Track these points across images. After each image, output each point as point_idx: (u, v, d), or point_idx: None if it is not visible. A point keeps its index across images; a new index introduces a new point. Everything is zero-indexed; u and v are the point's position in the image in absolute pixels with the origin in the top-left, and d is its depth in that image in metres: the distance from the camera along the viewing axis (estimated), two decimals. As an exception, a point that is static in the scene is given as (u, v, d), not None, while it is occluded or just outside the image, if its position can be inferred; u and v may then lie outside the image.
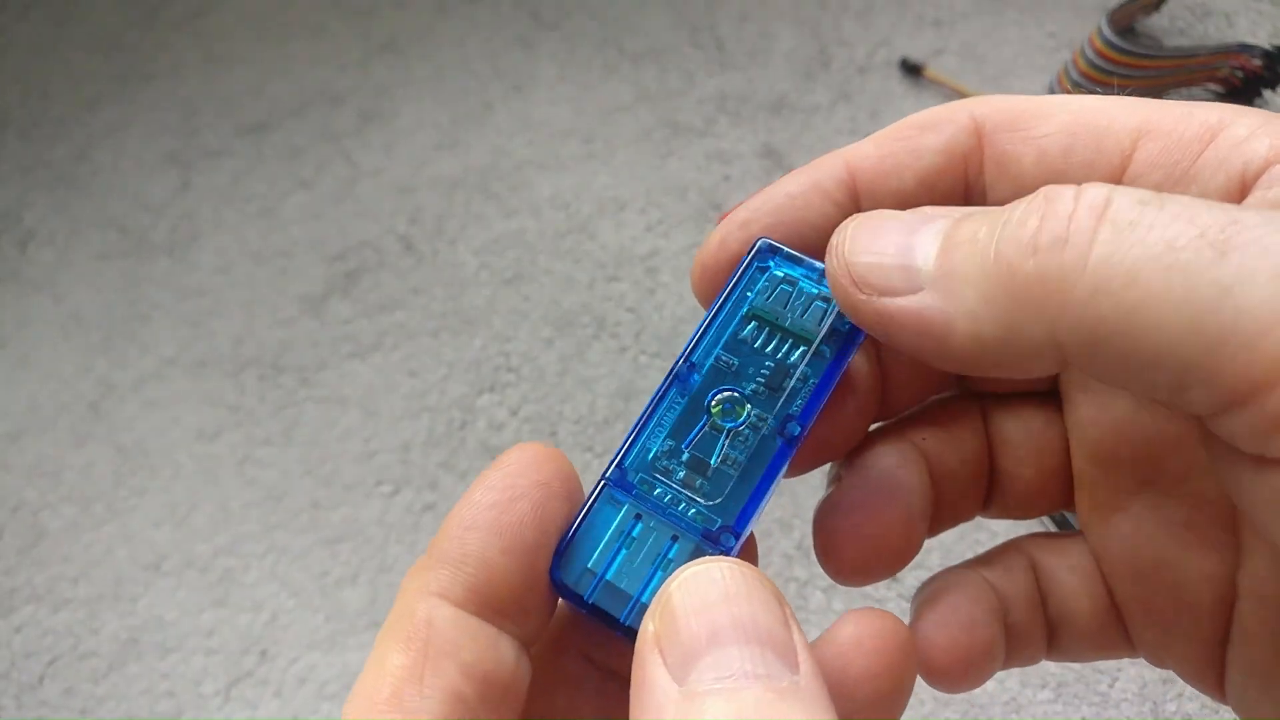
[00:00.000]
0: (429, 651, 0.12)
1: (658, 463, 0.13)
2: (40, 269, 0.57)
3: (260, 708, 0.41)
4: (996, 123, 0.13)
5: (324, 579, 0.44)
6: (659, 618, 0.11)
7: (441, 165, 0.59)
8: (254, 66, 0.65)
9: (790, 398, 0.13)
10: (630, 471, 0.13)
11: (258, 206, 0.58)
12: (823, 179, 0.14)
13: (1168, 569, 0.14)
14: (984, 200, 0.14)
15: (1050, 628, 0.15)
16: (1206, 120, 0.12)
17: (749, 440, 0.13)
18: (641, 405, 0.48)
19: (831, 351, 0.14)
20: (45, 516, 0.47)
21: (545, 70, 0.63)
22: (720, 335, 0.14)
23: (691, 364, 0.14)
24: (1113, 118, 0.13)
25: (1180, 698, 0.39)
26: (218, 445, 0.49)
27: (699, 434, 0.13)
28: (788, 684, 0.10)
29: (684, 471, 0.13)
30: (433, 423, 0.49)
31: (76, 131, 0.63)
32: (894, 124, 0.14)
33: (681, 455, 0.13)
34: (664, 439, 0.13)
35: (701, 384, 0.14)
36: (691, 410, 0.13)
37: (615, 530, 0.13)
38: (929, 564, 0.42)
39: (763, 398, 0.13)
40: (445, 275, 0.54)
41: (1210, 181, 0.12)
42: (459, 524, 0.12)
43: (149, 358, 0.53)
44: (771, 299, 0.14)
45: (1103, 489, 0.15)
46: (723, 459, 0.13)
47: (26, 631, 0.44)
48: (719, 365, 0.14)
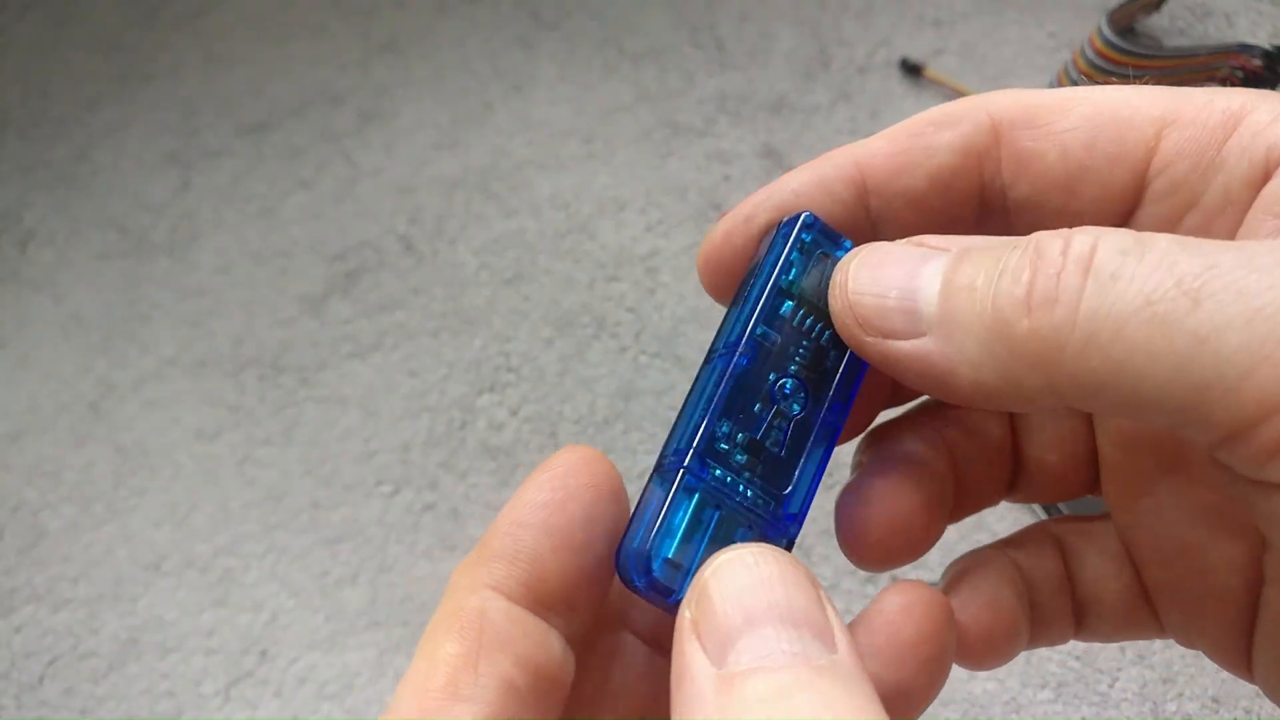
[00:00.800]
0: (483, 641, 0.12)
1: (718, 445, 0.13)
2: (40, 269, 0.57)
3: (260, 708, 0.41)
4: (1014, 119, 0.13)
5: (324, 579, 0.44)
6: (696, 604, 0.11)
7: (441, 165, 0.59)
8: (254, 66, 0.65)
9: (832, 379, 0.13)
10: (698, 454, 0.13)
11: (258, 206, 0.58)
12: (830, 176, 0.14)
13: (1194, 553, 0.14)
14: (1002, 199, 0.14)
15: (1078, 609, 0.16)
16: (1229, 107, 0.12)
17: (800, 423, 0.13)
18: (642, 405, 0.48)
19: None
20: (45, 516, 0.47)
21: (545, 70, 0.63)
22: (762, 313, 0.13)
23: (736, 347, 0.13)
24: (1135, 108, 0.13)
25: (1180, 698, 0.39)
26: (218, 445, 0.49)
27: (753, 418, 0.13)
28: (826, 662, 0.11)
29: (743, 455, 0.13)
30: (433, 423, 0.49)
31: (76, 131, 0.63)
32: (907, 120, 0.14)
33: (738, 439, 0.13)
34: (720, 424, 0.13)
35: (748, 366, 0.13)
36: (741, 393, 0.13)
37: (680, 512, 0.13)
38: (929, 563, 0.42)
39: (807, 380, 0.13)
40: (445, 275, 0.54)
41: (1235, 169, 0.12)
42: (512, 521, 0.13)
43: (149, 358, 0.53)
44: (810, 278, 0.14)
45: (1128, 474, 0.15)
46: (776, 442, 0.13)
47: (26, 631, 0.44)
48: (763, 344, 0.13)
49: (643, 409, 0.48)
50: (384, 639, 0.42)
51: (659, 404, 0.48)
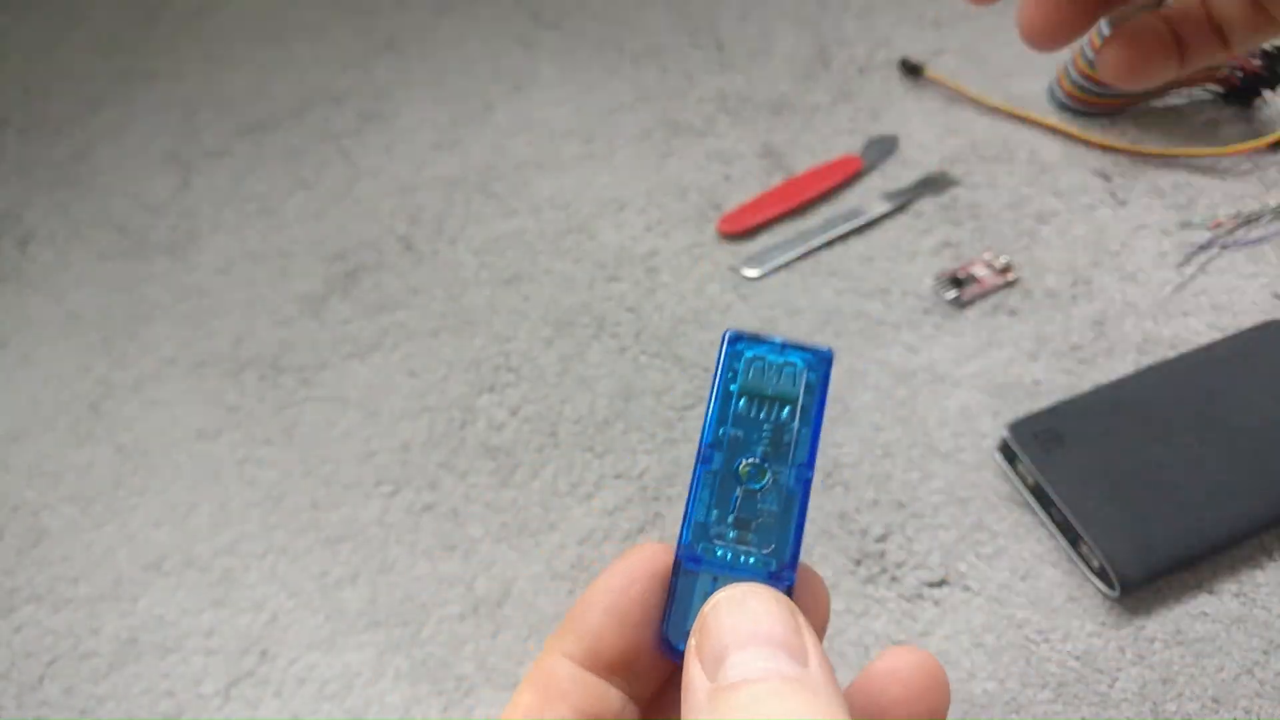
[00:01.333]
0: (549, 694, 0.16)
1: (711, 530, 0.16)
2: (40, 269, 0.57)
3: (260, 708, 0.41)
4: None
5: (324, 579, 0.44)
6: (698, 633, 0.14)
7: (441, 165, 0.59)
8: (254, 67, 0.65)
9: (793, 448, 0.16)
10: (693, 545, 0.16)
11: (258, 206, 0.58)
12: None
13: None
14: None
15: (1216, 30, 0.20)
16: None
17: (775, 492, 0.16)
18: (642, 405, 0.48)
19: (811, 402, 0.17)
20: (45, 516, 0.47)
21: (545, 70, 0.63)
22: (724, 415, 0.17)
23: (709, 445, 0.17)
24: None
25: (1180, 698, 0.39)
26: (218, 445, 0.49)
27: (736, 499, 0.16)
28: (798, 674, 0.13)
29: (734, 531, 0.16)
30: (433, 422, 0.49)
31: (77, 131, 0.63)
32: None
33: (728, 519, 0.16)
34: (710, 510, 0.16)
35: (722, 458, 0.16)
36: (723, 482, 0.16)
37: (698, 593, 0.16)
38: (929, 563, 0.42)
39: (773, 455, 0.16)
40: (445, 275, 0.54)
41: None
42: (586, 603, 0.16)
43: (149, 358, 0.53)
44: (752, 376, 0.17)
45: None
46: (760, 513, 0.16)
47: (26, 631, 0.44)
48: (731, 439, 0.17)
49: (642, 409, 0.48)
50: (384, 639, 0.42)
51: (658, 404, 0.48)
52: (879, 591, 0.42)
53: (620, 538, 0.44)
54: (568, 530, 0.45)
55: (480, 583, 0.43)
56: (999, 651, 0.40)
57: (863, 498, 0.44)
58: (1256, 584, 0.41)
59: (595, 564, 0.44)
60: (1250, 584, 0.41)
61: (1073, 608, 0.41)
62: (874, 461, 0.46)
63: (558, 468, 0.47)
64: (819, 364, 0.17)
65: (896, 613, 0.41)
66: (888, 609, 0.41)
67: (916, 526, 0.44)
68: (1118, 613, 0.41)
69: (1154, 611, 0.41)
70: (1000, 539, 0.43)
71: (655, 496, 0.45)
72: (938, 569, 0.42)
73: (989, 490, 0.44)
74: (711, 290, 0.52)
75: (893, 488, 0.45)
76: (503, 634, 0.42)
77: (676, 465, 0.46)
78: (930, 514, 0.44)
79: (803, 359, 0.17)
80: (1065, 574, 0.42)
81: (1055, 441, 0.43)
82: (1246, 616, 0.41)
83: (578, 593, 0.43)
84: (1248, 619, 0.41)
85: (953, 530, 0.43)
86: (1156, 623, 0.41)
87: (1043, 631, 0.41)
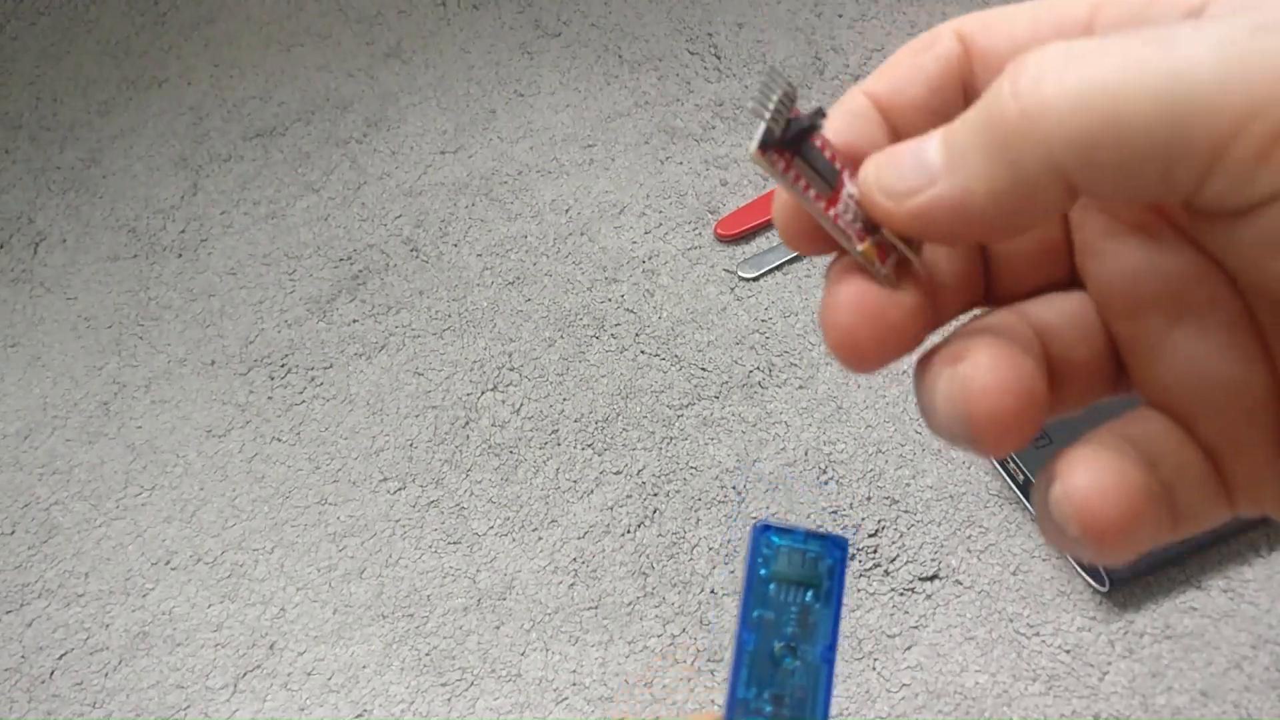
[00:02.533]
0: None
1: (751, 705, 0.18)
2: (52, 270, 0.58)
3: (269, 700, 0.42)
4: (973, 28, 0.16)
5: (331, 573, 0.45)
6: None
7: (446, 170, 0.60)
8: (262, 73, 0.66)
9: (819, 628, 0.19)
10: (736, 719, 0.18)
11: (266, 210, 0.59)
12: (851, 107, 0.17)
13: (1223, 390, 0.15)
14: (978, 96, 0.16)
15: None
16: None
17: (804, 669, 0.19)
18: (641, 404, 0.49)
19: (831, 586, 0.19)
20: (57, 513, 0.48)
21: (547, 77, 0.64)
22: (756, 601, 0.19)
23: (745, 628, 0.19)
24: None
25: (1169, 691, 0.40)
26: (227, 443, 0.50)
27: (771, 677, 0.19)
28: None
29: (770, 706, 0.18)
30: (437, 421, 0.50)
31: (87, 136, 0.64)
32: (891, 56, 0.17)
33: (765, 694, 0.19)
34: (747, 687, 0.18)
35: (756, 639, 0.19)
36: (759, 661, 0.19)
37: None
38: (921, 558, 0.43)
39: (801, 635, 0.19)
40: (449, 277, 0.55)
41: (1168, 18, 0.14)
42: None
43: (159, 357, 0.54)
44: (779, 563, 0.19)
45: (1141, 339, 0.16)
46: (792, 688, 0.19)
47: (38, 626, 0.44)
48: (762, 622, 0.19)
49: (642, 407, 0.49)
50: (390, 632, 0.43)
51: (657, 402, 0.49)
52: (872, 586, 0.43)
53: (619, 532, 0.45)
54: (569, 525, 0.46)
55: (483, 576, 0.44)
56: (990, 645, 0.41)
57: (856, 494, 0.45)
58: (1244, 579, 0.42)
59: (596, 558, 0.45)
60: (1238, 579, 0.42)
61: (1063, 602, 0.42)
62: (867, 458, 0.46)
63: (559, 464, 0.47)
64: (836, 551, 0.19)
65: (889, 606, 0.42)
66: (880, 603, 0.42)
67: (908, 522, 0.44)
68: (1107, 607, 0.42)
69: (1143, 606, 0.42)
70: (991, 534, 0.44)
71: (654, 492, 0.46)
72: (929, 564, 0.43)
73: (980, 486, 0.45)
74: (709, 292, 0.53)
75: (885, 484, 0.46)
76: (506, 626, 0.43)
77: (674, 463, 0.47)
78: (922, 510, 0.45)
79: (822, 547, 0.19)
80: (1055, 569, 0.43)
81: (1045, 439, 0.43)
82: (1234, 611, 0.41)
83: (579, 586, 0.44)
84: (1236, 614, 0.41)
85: (944, 526, 0.44)
86: (1146, 617, 0.41)
87: (1033, 625, 0.41)
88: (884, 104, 0.16)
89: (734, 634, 0.19)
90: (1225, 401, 0.15)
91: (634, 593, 0.43)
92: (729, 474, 0.46)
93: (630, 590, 0.43)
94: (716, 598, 0.43)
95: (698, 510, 0.45)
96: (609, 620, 0.43)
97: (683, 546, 0.44)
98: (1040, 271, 0.17)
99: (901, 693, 0.40)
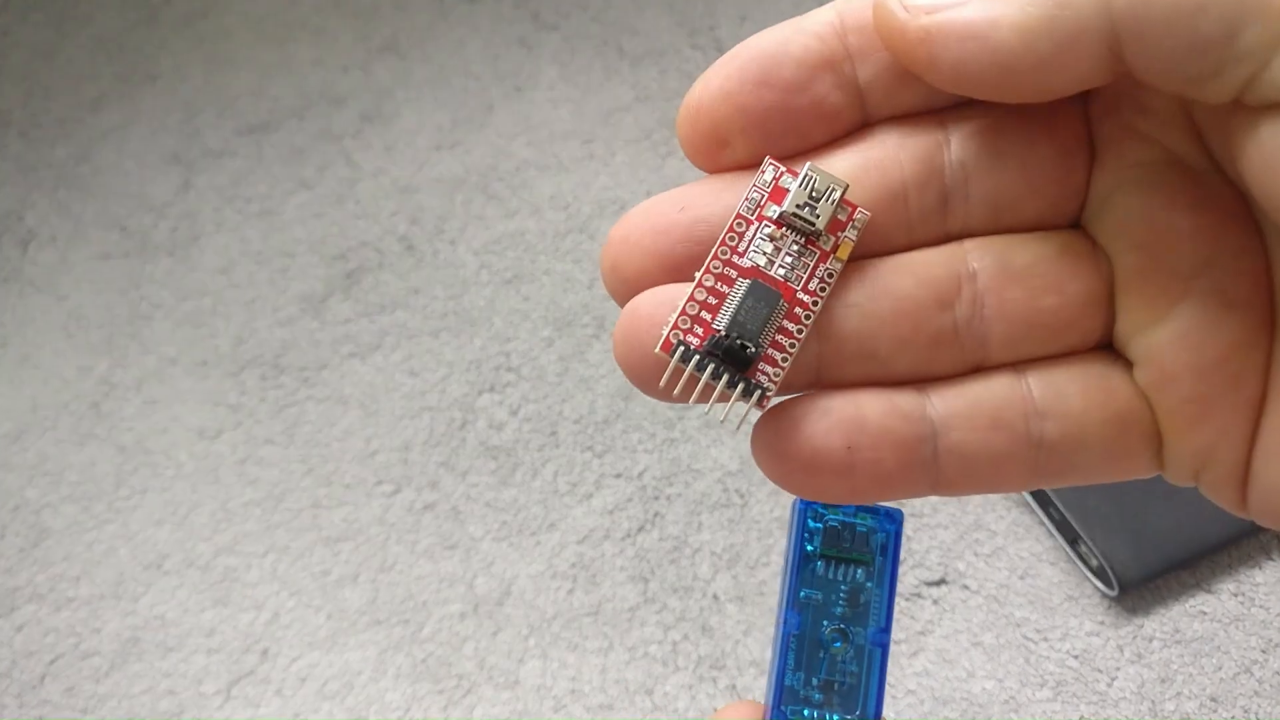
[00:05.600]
0: None
1: (800, 693, 0.17)
2: (42, 269, 0.57)
3: (261, 706, 0.41)
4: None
5: (325, 578, 0.44)
6: None
7: (442, 166, 0.59)
8: (255, 67, 0.65)
9: (871, 609, 0.17)
10: (783, 709, 0.17)
11: (259, 207, 0.58)
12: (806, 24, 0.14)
13: (1223, 363, 0.13)
14: None
15: None
16: None
17: (855, 654, 0.17)
18: (642, 405, 0.48)
19: (885, 563, 0.17)
20: (47, 516, 0.47)
21: (545, 71, 0.63)
22: (803, 580, 0.17)
23: (791, 610, 0.17)
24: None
25: (1179, 697, 0.39)
26: (219, 444, 0.49)
27: (818, 662, 0.17)
28: None
29: (819, 694, 0.17)
30: (433, 422, 0.49)
31: (78, 132, 0.63)
32: None
33: (813, 682, 0.17)
34: (794, 674, 0.17)
35: (803, 621, 0.17)
36: (807, 646, 0.17)
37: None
38: (928, 562, 0.42)
39: (851, 617, 0.17)
40: (446, 275, 0.54)
41: None
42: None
43: (150, 357, 0.53)
44: (827, 539, 0.17)
45: (1147, 291, 0.14)
46: (842, 673, 0.17)
47: (28, 630, 0.44)
48: (810, 602, 0.17)
49: (642, 408, 0.48)
50: (384, 638, 0.42)
51: (657, 403, 0.49)
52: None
53: (620, 536, 0.44)
54: (568, 529, 0.45)
55: (480, 581, 0.44)
56: (998, 650, 0.40)
57: (862, 497, 0.45)
58: (1255, 583, 0.41)
59: (595, 563, 0.44)
60: (1249, 583, 0.41)
61: (1071, 607, 0.41)
62: (873, 461, 0.46)
63: (558, 467, 0.47)
64: (890, 525, 0.17)
65: (896, 611, 0.41)
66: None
67: (915, 526, 0.44)
68: (1116, 612, 0.41)
69: (1152, 610, 0.41)
70: (999, 538, 0.43)
71: (655, 496, 0.45)
72: (937, 568, 0.42)
73: (988, 490, 0.44)
74: (711, 290, 0.53)
75: (892, 487, 0.45)
76: (503, 633, 0.42)
77: (676, 465, 0.46)
78: (929, 513, 0.44)
79: (874, 520, 0.17)
80: (1064, 573, 0.42)
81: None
82: (1245, 615, 0.41)
83: (578, 592, 0.43)
84: (1246, 618, 0.41)
85: (951, 529, 0.43)
86: (1155, 622, 0.41)
87: (1041, 630, 0.41)
88: None
89: (778, 617, 0.17)
90: (1211, 368, 0.13)
91: (634, 598, 0.43)
92: (732, 477, 0.46)
93: (631, 596, 0.43)
94: (719, 603, 0.43)
95: (700, 514, 0.45)
96: (609, 626, 0.42)
97: (684, 551, 0.44)
98: (1044, 202, 0.14)
99: (908, 699, 0.39)
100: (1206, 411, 0.13)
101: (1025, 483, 0.14)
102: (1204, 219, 0.13)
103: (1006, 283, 0.13)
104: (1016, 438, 0.14)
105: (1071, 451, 0.14)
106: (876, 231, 0.14)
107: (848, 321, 0.14)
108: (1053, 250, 0.14)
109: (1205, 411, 0.13)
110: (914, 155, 0.14)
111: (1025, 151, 0.14)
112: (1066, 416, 0.13)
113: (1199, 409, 0.13)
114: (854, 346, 0.14)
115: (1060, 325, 0.14)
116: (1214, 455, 0.14)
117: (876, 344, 0.14)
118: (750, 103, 0.14)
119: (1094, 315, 0.14)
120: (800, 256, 0.14)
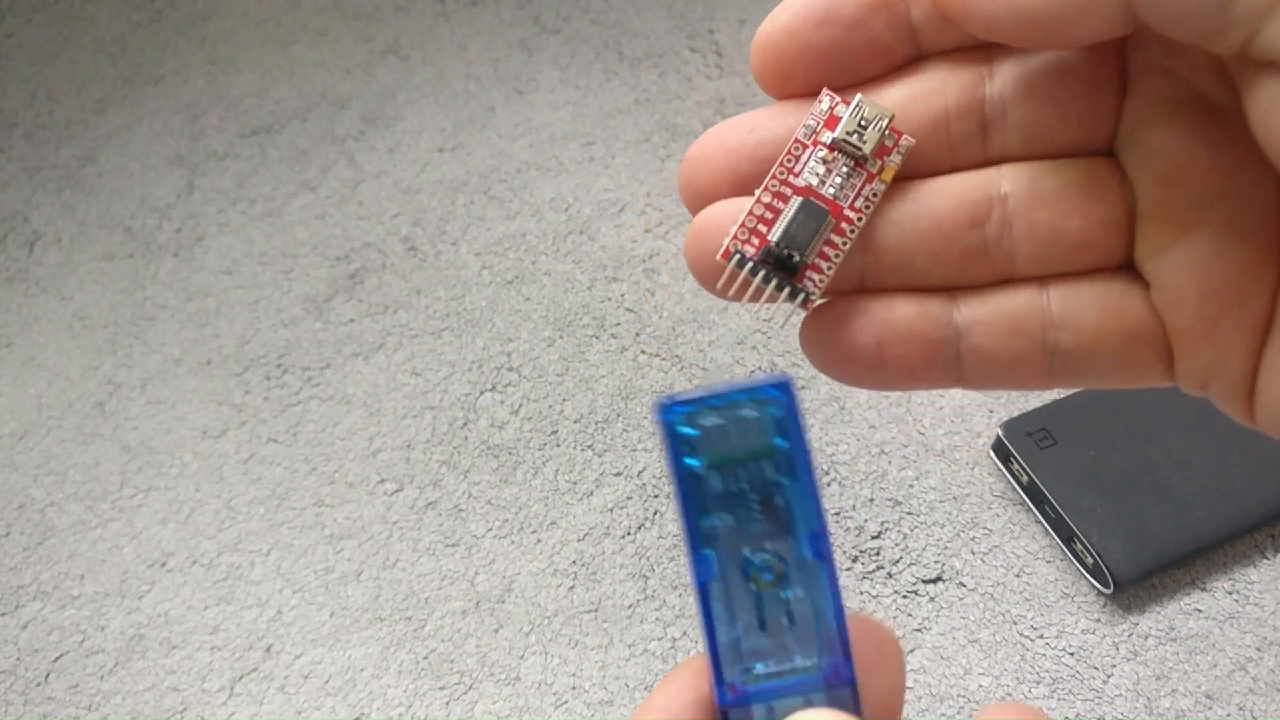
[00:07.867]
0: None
1: (741, 648, 0.13)
2: (47, 270, 0.57)
3: (265, 703, 0.41)
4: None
5: (328, 575, 0.44)
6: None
7: (444, 168, 0.60)
8: (258, 70, 0.66)
9: (795, 510, 0.13)
10: (734, 681, 0.13)
11: (262, 208, 0.59)
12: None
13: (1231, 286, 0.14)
14: None
15: None
16: None
17: (795, 576, 0.13)
18: (642, 404, 0.49)
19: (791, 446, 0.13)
20: (52, 514, 0.48)
21: (546, 74, 0.64)
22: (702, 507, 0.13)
23: (697, 550, 0.13)
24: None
25: (1174, 694, 0.39)
26: (223, 443, 0.49)
27: (754, 600, 0.13)
28: None
29: (766, 640, 0.13)
30: (435, 421, 0.49)
31: (82, 134, 0.63)
32: None
33: (755, 629, 0.13)
34: (731, 628, 0.13)
35: (720, 558, 0.13)
36: (731, 588, 0.13)
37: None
38: (924, 560, 0.43)
39: (774, 531, 0.13)
40: (448, 276, 0.55)
41: None
42: None
43: (155, 357, 0.53)
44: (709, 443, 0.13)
45: (1164, 218, 0.15)
46: (787, 608, 0.13)
47: (33, 628, 0.44)
48: (719, 532, 0.13)
49: (642, 408, 0.49)
50: (387, 634, 0.43)
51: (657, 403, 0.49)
52: (875, 588, 0.42)
53: (620, 534, 0.45)
54: (568, 527, 0.45)
55: (482, 579, 0.44)
56: (994, 647, 0.41)
57: (858, 495, 0.45)
58: (1249, 581, 0.42)
59: (595, 560, 0.44)
60: (1243, 581, 0.42)
61: (1067, 604, 0.42)
62: (869, 459, 0.46)
63: (559, 466, 0.47)
64: (777, 393, 0.13)
65: (892, 609, 0.42)
66: (883, 605, 0.42)
67: (912, 524, 0.44)
68: (1111, 609, 0.41)
69: (1147, 608, 0.41)
70: (995, 536, 0.43)
71: (654, 494, 0.46)
72: (933, 566, 0.43)
73: (983, 488, 0.45)
74: (711, 291, 0.53)
75: (888, 485, 0.45)
76: (505, 630, 0.42)
77: (676, 464, 0.47)
78: (925, 511, 0.44)
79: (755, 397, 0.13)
80: (1059, 571, 0.42)
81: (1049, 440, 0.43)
82: (1239, 613, 0.41)
83: (578, 589, 0.43)
84: (1241, 616, 0.41)
85: (947, 528, 0.44)
86: (1150, 619, 0.41)
87: (1037, 628, 0.41)
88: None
89: (688, 564, 0.13)
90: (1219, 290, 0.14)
91: (634, 595, 0.43)
92: (730, 475, 0.46)
93: (631, 593, 0.43)
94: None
95: (698, 512, 0.45)
96: (609, 623, 0.42)
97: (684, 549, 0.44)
98: (1075, 131, 0.15)
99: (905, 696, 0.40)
100: (1212, 329, 0.14)
101: (1041, 382, 0.15)
102: (1221, 154, 0.14)
103: (1034, 205, 0.15)
104: (1034, 344, 0.15)
105: (1083, 359, 0.15)
106: (921, 155, 0.15)
107: (889, 236, 0.15)
108: (1080, 177, 0.15)
109: (1211, 329, 0.14)
110: (958, 87, 0.15)
111: (1057, 85, 0.15)
112: (1081, 329, 0.15)
113: (1206, 327, 0.14)
114: (894, 259, 0.15)
115: (1082, 245, 0.15)
116: (1221, 370, 0.15)
117: (914, 257, 0.15)
118: (813, 39, 0.15)
119: (1114, 238, 0.15)
120: (849, 178, 0.15)
